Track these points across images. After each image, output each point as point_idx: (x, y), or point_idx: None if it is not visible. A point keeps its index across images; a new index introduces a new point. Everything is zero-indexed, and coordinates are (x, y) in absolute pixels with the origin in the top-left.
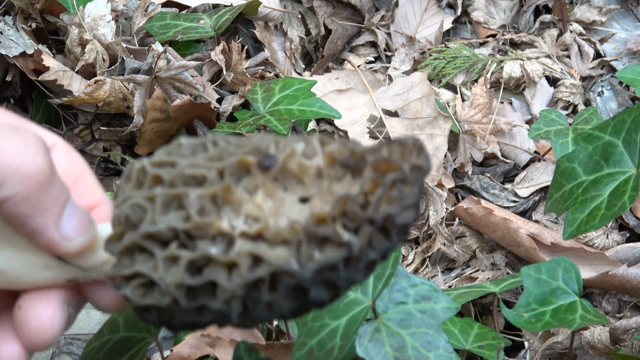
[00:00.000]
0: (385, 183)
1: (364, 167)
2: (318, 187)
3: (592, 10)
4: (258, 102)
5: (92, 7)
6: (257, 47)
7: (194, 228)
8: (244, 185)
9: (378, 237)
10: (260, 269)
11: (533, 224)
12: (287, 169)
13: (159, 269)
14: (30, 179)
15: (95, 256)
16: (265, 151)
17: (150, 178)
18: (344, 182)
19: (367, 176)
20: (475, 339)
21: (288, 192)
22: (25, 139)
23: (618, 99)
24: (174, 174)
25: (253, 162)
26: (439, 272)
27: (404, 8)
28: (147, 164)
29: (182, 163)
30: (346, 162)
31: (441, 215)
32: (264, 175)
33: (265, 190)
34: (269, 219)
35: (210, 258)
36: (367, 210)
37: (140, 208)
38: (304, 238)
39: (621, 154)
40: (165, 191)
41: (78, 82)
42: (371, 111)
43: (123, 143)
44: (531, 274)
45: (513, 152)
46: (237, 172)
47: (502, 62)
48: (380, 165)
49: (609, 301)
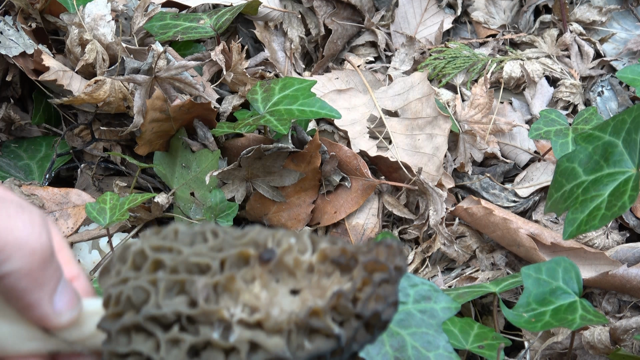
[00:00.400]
0: (375, 282)
1: (354, 266)
2: (308, 280)
3: (592, 10)
4: (258, 102)
5: (92, 7)
6: (257, 47)
7: (200, 314)
8: (242, 275)
9: (362, 331)
10: (257, 355)
11: (533, 224)
12: (282, 262)
13: (161, 351)
14: (35, 255)
15: (79, 330)
16: (264, 245)
17: (151, 262)
18: (333, 277)
19: (359, 275)
20: (475, 339)
21: (280, 284)
22: (32, 217)
23: (618, 99)
24: (177, 260)
25: (253, 255)
26: (439, 272)
27: (404, 8)
28: (146, 248)
29: (186, 251)
30: (337, 259)
31: (441, 215)
32: (261, 267)
33: (262, 281)
34: (268, 309)
35: (211, 342)
36: (356, 306)
37: (143, 290)
38: (295, 328)
39: (621, 154)
40: (168, 276)
41: (78, 82)
42: (371, 111)
43: (123, 143)
44: (531, 274)
45: (513, 152)
46: (237, 262)
47: (502, 62)
48: (370, 265)
49: (609, 301)
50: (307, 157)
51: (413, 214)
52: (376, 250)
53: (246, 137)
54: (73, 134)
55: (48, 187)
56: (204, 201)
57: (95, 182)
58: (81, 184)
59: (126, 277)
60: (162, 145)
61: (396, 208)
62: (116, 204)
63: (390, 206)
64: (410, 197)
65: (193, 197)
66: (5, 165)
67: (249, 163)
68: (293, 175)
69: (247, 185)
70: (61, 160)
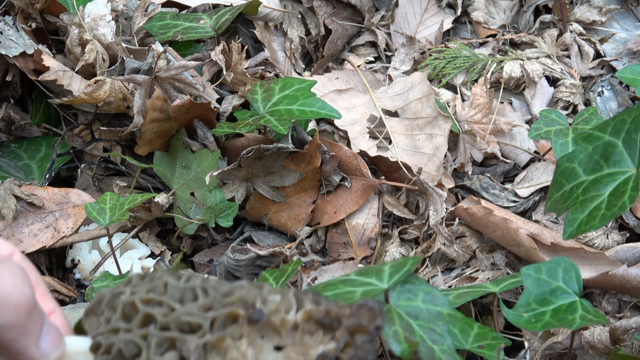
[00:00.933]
0: (357, 344)
1: (337, 327)
2: (292, 338)
3: (592, 10)
4: (258, 102)
5: (92, 7)
6: (257, 47)
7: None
8: (229, 332)
9: None
10: None
11: (533, 224)
12: (269, 321)
13: None
14: (19, 308)
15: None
16: (252, 304)
17: (142, 315)
18: (315, 336)
19: (342, 337)
20: (475, 338)
21: (265, 340)
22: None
23: (618, 99)
24: (169, 317)
25: (242, 315)
26: (439, 272)
27: (404, 8)
28: (136, 300)
29: (178, 309)
30: (321, 320)
31: (441, 215)
32: (249, 327)
33: (248, 338)
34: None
35: None
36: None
37: (135, 345)
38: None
39: (621, 154)
40: (160, 333)
41: (78, 82)
42: (371, 111)
43: (123, 143)
44: (531, 274)
45: (513, 152)
46: (226, 322)
47: (502, 62)
48: (353, 328)
49: (609, 301)
50: (307, 157)
51: (413, 214)
52: (359, 313)
53: (246, 137)
54: (73, 134)
55: (48, 187)
56: (204, 201)
57: (95, 182)
58: (81, 184)
59: (116, 327)
60: (162, 145)
61: (396, 208)
62: (116, 204)
63: (390, 206)
64: (410, 197)
65: (193, 197)
66: (5, 165)
67: (249, 163)
68: (293, 175)
69: (247, 185)
70: (61, 160)
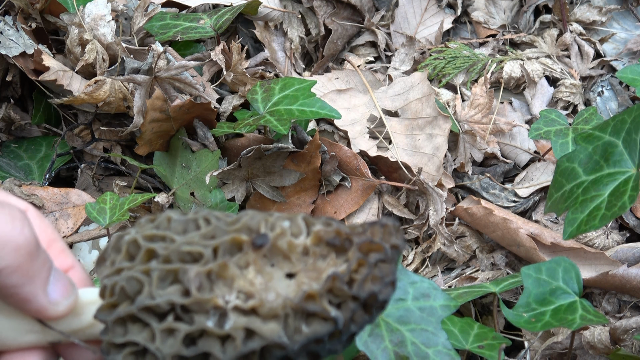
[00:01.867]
0: (370, 263)
1: (349, 247)
2: (304, 263)
3: (592, 10)
4: (258, 102)
5: (92, 7)
6: (257, 47)
7: (193, 303)
8: (235, 261)
9: (360, 312)
10: (253, 342)
11: (533, 224)
12: (276, 246)
13: (157, 340)
14: (20, 251)
15: (77, 320)
16: (257, 230)
17: (144, 251)
18: (328, 259)
19: (353, 256)
20: (475, 338)
21: (275, 268)
22: (11, 214)
23: (618, 99)
24: (170, 249)
25: (246, 241)
26: (439, 272)
27: (404, 8)
28: (139, 238)
29: (178, 240)
30: (332, 241)
31: (441, 215)
32: (255, 253)
33: (256, 266)
34: (263, 294)
35: (206, 331)
36: (352, 287)
37: (137, 281)
38: (291, 312)
39: (621, 154)
40: (161, 266)
41: (78, 82)
42: (371, 111)
43: (123, 143)
44: (531, 274)
45: (513, 152)
46: (230, 249)
47: (502, 62)
48: (365, 246)
49: (609, 301)
50: (307, 157)
51: (413, 214)
52: (371, 231)
53: (246, 137)
54: (73, 134)
55: (48, 187)
56: (204, 201)
57: (95, 182)
58: (81, 184)
59: (120, 267)
60: (162, 145)
61: (396, 208)
62: (116, 204)
63: (390, 206)
64: (410, 197)
65: (193, 197)
66: (5, 165)
67: (249, 163)
68: (293, 175)
69: (247, 185)
70: (61, 160)
